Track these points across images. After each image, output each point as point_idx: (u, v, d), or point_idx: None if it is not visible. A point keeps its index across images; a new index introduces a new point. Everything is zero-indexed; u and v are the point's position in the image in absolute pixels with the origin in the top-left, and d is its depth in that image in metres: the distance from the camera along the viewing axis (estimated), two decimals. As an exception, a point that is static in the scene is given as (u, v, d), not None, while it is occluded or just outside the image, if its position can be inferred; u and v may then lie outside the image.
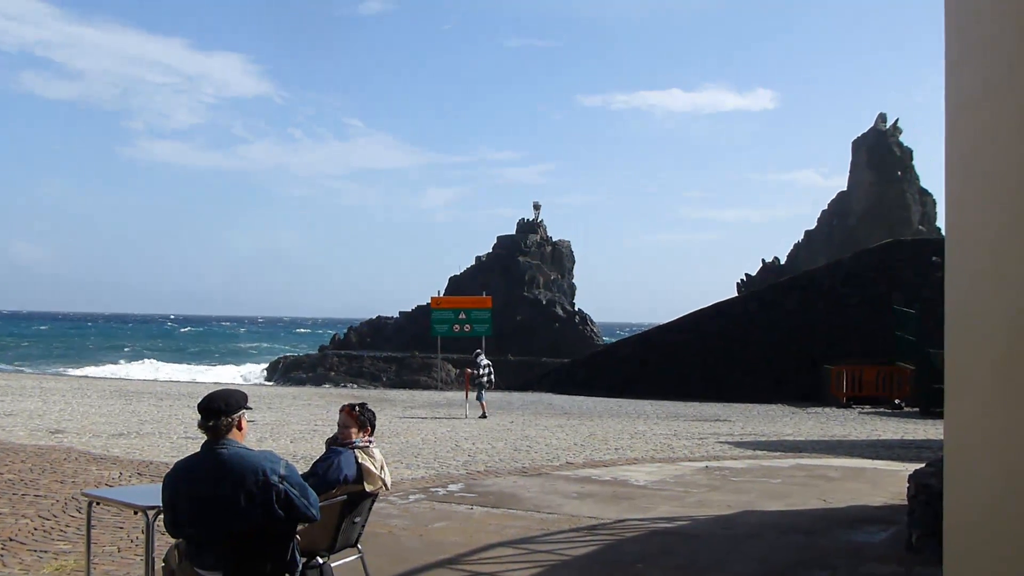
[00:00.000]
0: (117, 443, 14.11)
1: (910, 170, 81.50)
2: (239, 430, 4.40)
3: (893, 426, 20.62)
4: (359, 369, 64.21)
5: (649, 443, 16.14)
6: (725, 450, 15.30)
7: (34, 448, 13.01)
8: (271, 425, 17.74)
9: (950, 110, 4.64)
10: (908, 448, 16.30)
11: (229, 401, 4.39)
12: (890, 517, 9.03)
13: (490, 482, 11.18)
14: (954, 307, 4.46)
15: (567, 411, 23.77)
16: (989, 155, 4.19)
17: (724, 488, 10.99)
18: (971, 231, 4.40)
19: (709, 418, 22.24)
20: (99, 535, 7.57)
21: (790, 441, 17.20)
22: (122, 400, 22.76)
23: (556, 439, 16.53)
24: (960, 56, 4.60)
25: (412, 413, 22.14)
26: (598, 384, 32.81)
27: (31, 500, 9.06)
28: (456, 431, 17.75)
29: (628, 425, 19.85)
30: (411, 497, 9.94)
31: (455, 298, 43.55)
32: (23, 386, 26.69)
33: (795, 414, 24.15)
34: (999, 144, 4.05)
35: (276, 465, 4.28)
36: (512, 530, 8.32)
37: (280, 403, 23.78)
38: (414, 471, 12.10)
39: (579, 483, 11.18)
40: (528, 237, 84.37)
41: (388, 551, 7.37)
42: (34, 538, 7.52)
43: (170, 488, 4.37)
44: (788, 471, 12.59)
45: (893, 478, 11.69)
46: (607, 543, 8.06)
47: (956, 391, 4.41)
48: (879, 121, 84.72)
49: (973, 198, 4.40)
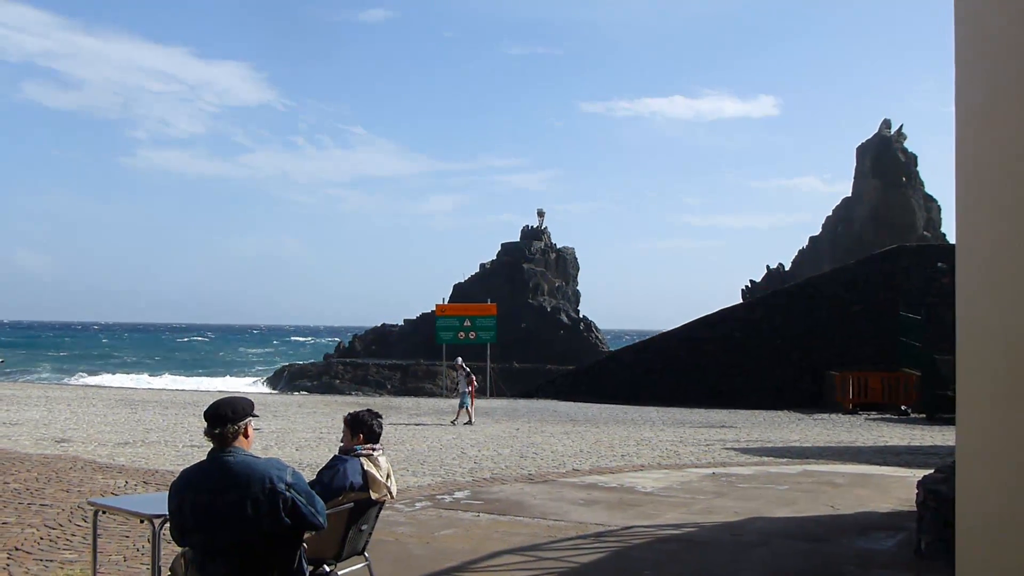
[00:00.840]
0: (123, 452, 14.10)
1: (915, 176, 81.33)
2: (246, 438, 4.38)
3: (900, 432, 20.54)
4: (364, 377, 64.24)
5: (655, 450, 16.09)
6: (731, 456, 15.25)
7: (40, 457, 13.00)
8: (277, 433, 17.73)
9: (960, 116, 4.62)
10: (915, 454, 16.23)
11: (236, 408, 4.36)
12: (898, 523, 8.98)
13: (496, 489, 11.14)
14: (965, 315, 4.44)
15: (573, 418, 23.72)
16: (1000, 162, 4.16)
17: (731, 494, 10.94)
18: (982, 238, 4.37)
19: (715, 424, 22.19)
20: (105, 544, 7.55)
21: (797, 447, 17.14)
22: (128, 409, 22.76)
23: (562, 446, 16.49)
24: (970, 62, 4.59)
25: (418, 420, 22.12)
26: (603, 391, 32.75)
27: (37, 509, 9.05)
28: (462, 438, 17.72)
29: (634, 432, 19.80)
30: (417, 504, 9.91)
31: (460, 305, 43.66)
32: (28, 395, 26.71)
33: (801, 420, 24.07)
34: (1010, 150, 4.03)
35: (283, 473, 4.26)
36: (519, 537, 8.28)
37: (286, 411, 23.77)
38: (420, 478, 12.08)
39: (585, 490, 11.15)
40: (532, 244, 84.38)
41: (395, 558, 7.34)
42: (40, 547, 7.50)
43: (176, 496, 4.34)
44: (795, 477, 12.54)
45: (901, 484, 11.64)
46: (614, 550, 8.02)
47: (967, 399, 4.38)
48: (884, 127, 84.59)
49: (984, 205, 4.37)
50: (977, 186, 4.47)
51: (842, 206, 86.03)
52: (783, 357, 31.67)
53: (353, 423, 5.46)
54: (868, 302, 31.77)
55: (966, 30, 4.65)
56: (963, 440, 4.49)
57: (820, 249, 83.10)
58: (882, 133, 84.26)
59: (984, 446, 4.22)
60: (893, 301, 30.58)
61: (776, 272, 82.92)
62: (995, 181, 4.23)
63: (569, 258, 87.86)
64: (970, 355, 4.39)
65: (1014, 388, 3.90)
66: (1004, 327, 4.02)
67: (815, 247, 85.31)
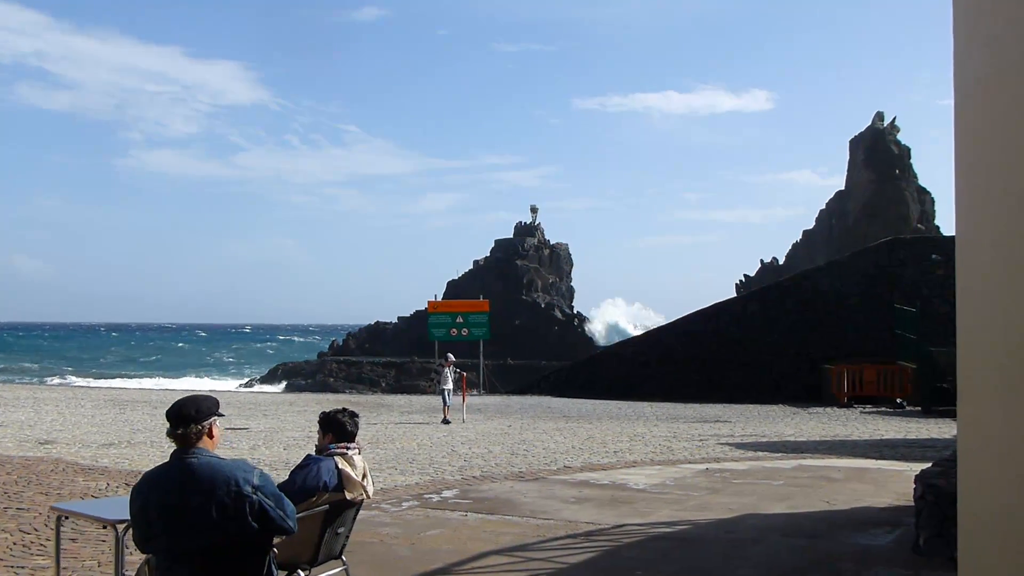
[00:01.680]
0: (107, 453, 13.86)
1: (908, 168, 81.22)
2: (210, 438, 4.17)
3: (895, 425, 20.38)
4: (358, 375, 63.98)
5: (648, 445, 15.91)
6: (726, 452, 15.07)
7: (21, 460, 12.76)
8: (265, 432, 17.50)
9: (959, 98, 4.42)
10: (911, 447, 16.08)
11: (200, 407, 4.15)
12: (896, 519, 8.80)
13: (486, 487, 10.94)
14: (965, 308, 4.24)
15: (566, 414, 23.53)
16: (1000, 145, 3.97)
17: (725, 491, 10.75)
18: (982, 227, 4.18)
19: (709, 419, 22.01)
20: (79, 548, 7.35)
21: (791, 442, 16.97)
22: (116, 409, 22.52)
23: (554, 442, 16.29)
24: (969, 40, 4.39)
25: (409, 418, 21.90)
26: (597, 387, 32.55)
27: (13, 514, 8.81)
28: (453, 436, 17.51)
29: (627, 427, 19.62)
30: (404, 504, 9.71)
31: (452, 302, 43.39)
32: (16, 396, 26.42)
33: (796, 414, 23.92)
34: (1010, 133, 3.84)
35: (249, 475, 4.04)
36: (507, 537, 8.08)
37: (276, 410, 23.54)
38: (408, 477, 11.87)
39: (577, 487, 10.95)
40: (526, 240, 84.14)
41: (377, 561, 7.14)
42: (12, 553, 7.28)
43: (138, 500, 4.12)
44: (790, 472, 12.36)
45: (897, 478, 11.47)
46: (605, 549, 7.82)
47: (969, 394, 4.18)
48: (877, 119, 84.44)
49: (984, 193, 4.18)
50: (976, 172, 4.28)
51: (835, 199, 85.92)
52: (778, 351, 31.50)
53: (324, 422, 5.26)
54: (863, 295, 31.63)
55: (966, 4, 4.46)
56: (965, 437, 4.29)
57: (813, 242, 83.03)
58: (875, 126, 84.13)
59: (986, 440, 4.04)
60: (888, 294, 30.45)
61: (770, 266, 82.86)
62: (996, 170, 4.05)
63: (563, 254, 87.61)
64: (970, 351, 4.20)
65: (1017, 381, 3.72)
66: (1006, 318, 3.84)
67: (809, 240, 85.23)
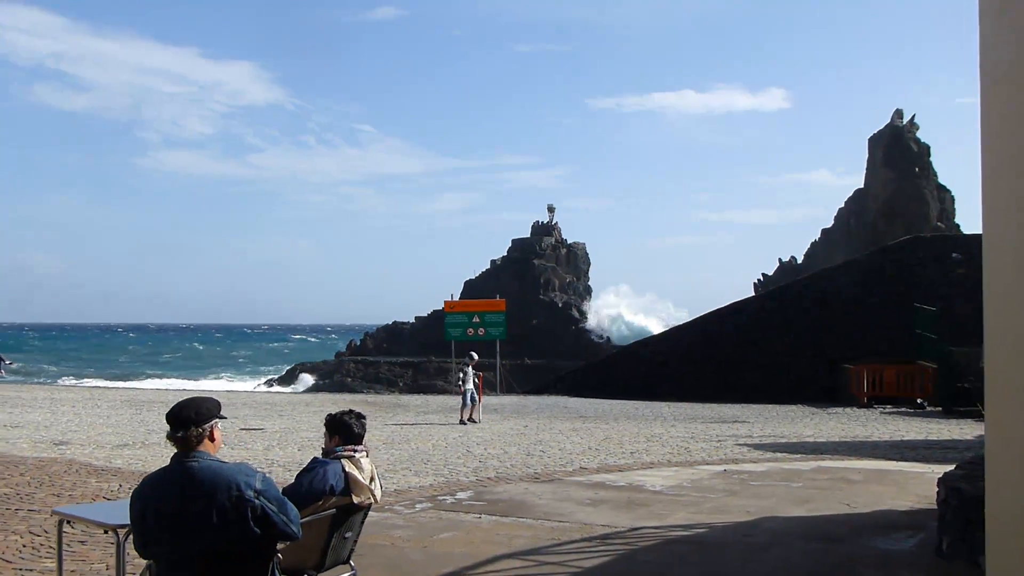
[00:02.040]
0: (120, 454, 13.83)
1: (928, 166, 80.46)
2: (211, 441, 4.09)
3: (916, 426, 20.10)
4: (376, 375, 64.17)
5: (665, 446, 15.74)
6: (744, 453, 14.88)
7: (35, 461, 12.74)
8: (281, 433, 17.46)
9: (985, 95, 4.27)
10: (933, 449, 15.83)
11: (200, 410, 4.07)
12: (918, 522, 8.61)
13: (500, 489, 10.82)
14: (992, 310, 4.09)
15: (582, 414, 23.38)
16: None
17: (743, 493, 10.58)
18: (1009, 229, 4.02)
19: (727, 420, 21.80)
20: (88, 551, 7.28)
21: (810, 443, 16.75)
22: (132, 410, 22.55)
23: (570, 443, 16.15)
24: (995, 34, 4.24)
25: (425, 418, 21.82)
26: (614, 386, 32.37)
27: (24, 515, 8.76)
28: (468, 436, 17.40)
29: (644, 428, 19.45)
30: (417, 506, 9.60)
31: (468, 302, 43.37)
32: (34, 397, 26.54)
33: (815, 415, 23.66)
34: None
35: (251, 479, 3.94)
36: (521, 540, 7.95)
37: (292, 410, 23.53)
38: (422, 478, 11.76)
39: (592, 489, 10.80)
40: (543, 240, 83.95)
41: (388, 564, 7.03)
42: (21, 556, 7.21)
43: (137, 504, 4.04)
44: (809, 474, 12.16)
45: (919, 480, 11.26)
46: (620, 553, 7.68)
47: (996, 397, 4.03)
48: (896, 117, 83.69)
49: (1011, 194, 4.02)
50: (1004, 175, 4.12)
51: (854, 198, 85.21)
52: (797, 350, 31.24)
53: (330, 424, 5.15)
54: (882, 294, 31.31)
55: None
56: (992, 440, 4.13)
57: (832, 241, 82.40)
58: (894, 123, 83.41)
59: (1014, 443, 3.88)
60: (907, 293, 30.10)
61: (788, 265, 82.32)
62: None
63: (580, 253, 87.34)
64: (998, 353, 4.05)
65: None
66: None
67: (827, 239, 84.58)
